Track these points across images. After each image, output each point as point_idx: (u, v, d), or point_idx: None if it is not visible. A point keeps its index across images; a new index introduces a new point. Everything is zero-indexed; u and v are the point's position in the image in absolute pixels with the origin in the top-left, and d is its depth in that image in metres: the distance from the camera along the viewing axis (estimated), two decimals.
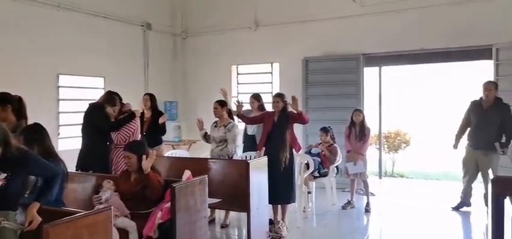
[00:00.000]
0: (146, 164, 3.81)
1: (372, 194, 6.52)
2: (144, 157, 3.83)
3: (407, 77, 11.04)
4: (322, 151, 6.34)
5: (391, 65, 8.21)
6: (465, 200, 5.99)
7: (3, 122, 3.58)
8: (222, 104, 5.56)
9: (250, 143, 5.97)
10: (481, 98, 5.75)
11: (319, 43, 7.80)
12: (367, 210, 6.20)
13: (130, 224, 3.54)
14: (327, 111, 7.55)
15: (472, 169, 5.81)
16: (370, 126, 6.53)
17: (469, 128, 5.87)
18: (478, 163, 5.73)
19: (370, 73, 7.97)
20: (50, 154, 3.04)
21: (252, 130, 6.01)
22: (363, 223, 5.97)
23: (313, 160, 6.00)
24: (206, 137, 5.67)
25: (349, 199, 6.41)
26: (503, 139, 5.52)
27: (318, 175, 6.22)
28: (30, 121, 3.71)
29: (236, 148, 5.65)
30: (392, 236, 5.48)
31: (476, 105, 5.79)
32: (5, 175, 2.30)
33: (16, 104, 3.68)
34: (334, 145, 6.43)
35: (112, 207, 2.86)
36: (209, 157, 5.53)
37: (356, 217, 6.12)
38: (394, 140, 10.10)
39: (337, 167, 6.46)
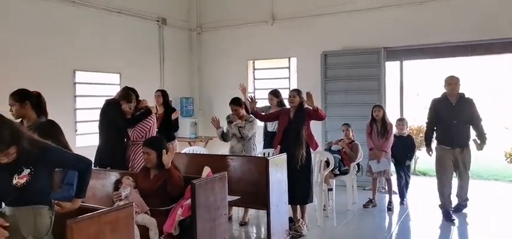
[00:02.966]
0: (167, 158, 3.73)
1: (394, 193, 6.33)
2: (163, 152, 3.73)
3: (430, 72, 10.78)
4: (343, 148, 6.19)
5: (414, 59, 7.99)
6: (448, 203, 5.62)
7: (23, 118, 3.61)
8: (239, 103, 5.44)
9: (270, 140, 5.83)
10: (444, 94, 5.47)
11: (339, 37, 7.62)
12: (390, 209, 6.03)
13: (150, 221, 3.47)
14: (346, 107, 7.38)
15: (449, 167, 5.50)
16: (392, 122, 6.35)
17: (436, 127, 5.59)
18: (454, 161, 5.46)
19: (391, 67, 7.75)
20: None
21: (272, 126, 5.88)
22: (385, 222, 5.80)
23: (334, 157, 5.85)
24: (223, 136, 5.55)
25: (371, 197, 6.24)
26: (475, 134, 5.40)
27: (338, 172, 6.07)
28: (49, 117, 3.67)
29: (254, 144, 5.54)
30: (416, 236, 5.31)
31: (441, 102, 5.48)
32: (28, 170, 2.28)
33: (35, 100, 3.63)
34: (355, 142, 6.27)
35: (133, 204, 2.80)
36: (226, 153, 5.42)
37: (378, 216, 5.94)
38: (416, 137, 9.85)
39: (358, 164, 6.29)
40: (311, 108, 4.92)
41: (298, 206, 5.12)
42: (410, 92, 11.05)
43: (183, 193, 3.69)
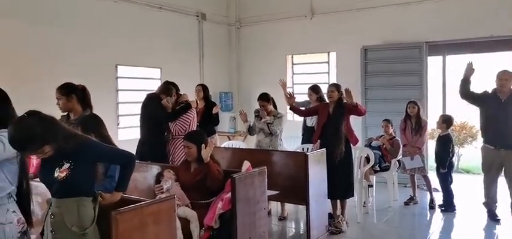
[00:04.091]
0: (205, 153, 3.77)
1: (436, 190, 6.12)
2: (202, 146, 3.78)
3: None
4: (383, 144, 6.05)
5: (457, 54, 7.63)
6: (492, 203, 5.30)
7: (70, 112, 3.73)
8: (267, 98, 5.45)
9: (309, 135, 5.80)
10: (494, 90, 5.10)
11: (379, 31, 7.42)
12: (432, 207, 5.85)
13: (191, 214, 3.52)
14: (387, 103, 7.19)
15: (494, 168, 5.15)
16: (433, 119, 6.14)
17: (481, 124, 5.26)
18: (502, 164, 5.09)
19: (433, 62, 7.48)
20: (108, 144, 3.04)
21: (311, 121, 5.85)
22: (426, 220, 5.65)
23: (374, 153, 5.73)
24: (250, 130, 5.56)
25: (412, 195, 6.08)
26: None
27: (378, 169, 5.95)
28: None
29: (281, 140, 5.54)
30: (458, 235, 5.14)
31: (490, 98, 5.11)
32: (68, 164, 2.32)
33: (80, 94, 3.74)
34: (396, 138, 6.12)
35: (175, 196, 2.84)
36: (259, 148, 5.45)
37: (419, 214, 5.80)
38: (459, 134, 9.50)
39: (399, 161, 6.13)
40: (350, 103, 4.85)
41: (338, 201, 5.07)
42: (453, 88, 10.64)
43: (223, 186, 3.72)
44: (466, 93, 5.14)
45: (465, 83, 5.12)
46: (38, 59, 5.80)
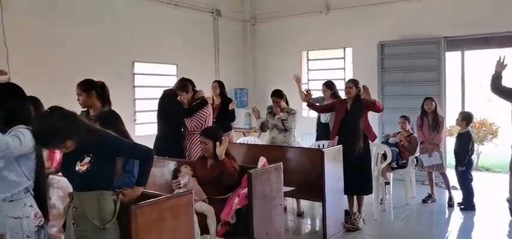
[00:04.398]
0: (220, 150, 3.79)
1: (454, 188, 6.02)
2: (217, 144, 3.79)
3: (494, 63, 10.10)
4: (401, 140, 5.98)
5: (476, 49, 7.53)
6: None
7: (90, 107, 3.79)
8: (281, 95, 5.44)
9: (323, 131, 5.77)
10: None
11: (396, 26, 7.31)
12: (450, 205, 5.76)
13: (208, 209, 3.55)
14: (404, 99, 7.09)
15: None
16: (452, 116, 6.03)
17: None
18: None
19: (452, 58, 7.35)
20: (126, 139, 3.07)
21: (325, 117, 5.81)
22: (444, 218, 5.55)
23: (391, 150, 5.65)
24: (262, 126, 5.56)
25: (430, 193, 5.99)
26: None
27: (396, 166, 5.87)
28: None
29: (294, 136, 5.52)
30: (477, 233, 5.05)
31: None
32: (89, 158, 2.36)
33: (100, 90, 3.81)
34: (414, 134, 6.04)
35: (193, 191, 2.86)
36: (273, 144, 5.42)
37: (437, 212, 5.71)
38: (479, 131, 9.33)
39: (416, 158, 6.05)
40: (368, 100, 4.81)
41: (354, 198, 5.04)
42: (472, 84, 10.45)
43: (239, 182, 3.74)
44: (498, 88, 5.01)
45: (497, 78, 5.00)
46: (56, 56, 5.87)
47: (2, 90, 2.54)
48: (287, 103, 5.56)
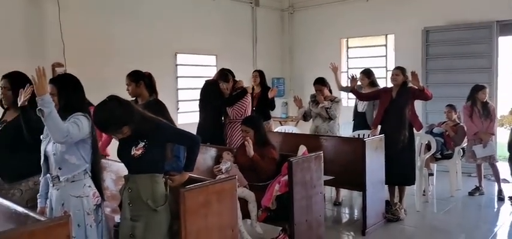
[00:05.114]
0: (249, 149, 3.81)
1: (505, 181, 5.76)
2: (246, 143, 3.82)
3: None
4: (446, 130, 5.78)
5: None
6: None
7: (138, 97, 4.00)
8: (324, 83, 5.36)
9: (360, 120, 5.68)
10: None
11: (442, 11, 7.02)
12: (500, 198, 5.50)
13: (249, 194, 3.62)
14: (449, 88, 6.80)
15: None
16: (504, 105, 5.74)
17: None
18: None
19: (505, 43, 6.97)
20: None
21: (362, 106, 5.69)
22: (493, 212, 5.34)
23: (436, 140, 5.48)
24: (305, 115, 5.51)
25: (478, 185, 5.75)
26: None
27: (440, 156, 5.69)
28: None
29: (338, 124, 5.44)
30: None
31: None
32: (143, 143, 2.53)
33: (147, 81, 4.05)
34: (461, 124, 5.81)
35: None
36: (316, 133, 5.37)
37: (485, 205, 5.49)
38: None
39: (463, 148, 5.83)
40: (416, 87, 4.67)
41: (396, 189, 4.94)
42: None
43: (279, 169, 3.77)
44: None
45: None
46: (106, 49, 6.11)
47: (61, 81, 2.75)
48: (330, 91, 5.50)
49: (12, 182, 3.03)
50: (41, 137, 2.66)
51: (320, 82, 5.36)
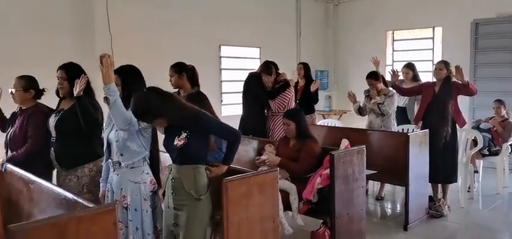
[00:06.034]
0: (272, 159, 3.89)
1: None
2: (271, 154, 3.89)
3: None
4: (494, 126, 5.61)
5: None
6: None
7: (180, 88, 4.12)
8: (377, 77, 5.26)
9: (401, 115, 5.60)
10: None
11: (494, 2, 6.76)
12: None
13: (290, 186, 3.71)
14: (498, 82, 6.58)
15: None
16: None
17: None
18: None
19: None
20: None
21: (403, 101, 5.62)
22: None
23: (483, 136, 5.33)
24: (360, 110, 5.48)
25: None
26: None
27: (487, 153, 5.54)
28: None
29: (394, 120, 5.37)
30: None
31: None
32: (185, 134, 2.59)
33: (190, 73, 4.14)
34: (510, 120, 5.62)
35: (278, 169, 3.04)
36: (363, 127, 5.38)
37: None
38: None
39: (511, 145, 5.64)
40: (460, 82, 4.58)
41: (439, 185, 4.88)
42: None
43: (320, 162, 3.84)
44: None
45: None
46: (152, 41, 6.32)
47: (125, 72, 2.89)
48: (386, 85, 5.39)
49: (69, 169, 3.17)
50: (104, 125, 2.87)
51: (372, 77, 5.24)
